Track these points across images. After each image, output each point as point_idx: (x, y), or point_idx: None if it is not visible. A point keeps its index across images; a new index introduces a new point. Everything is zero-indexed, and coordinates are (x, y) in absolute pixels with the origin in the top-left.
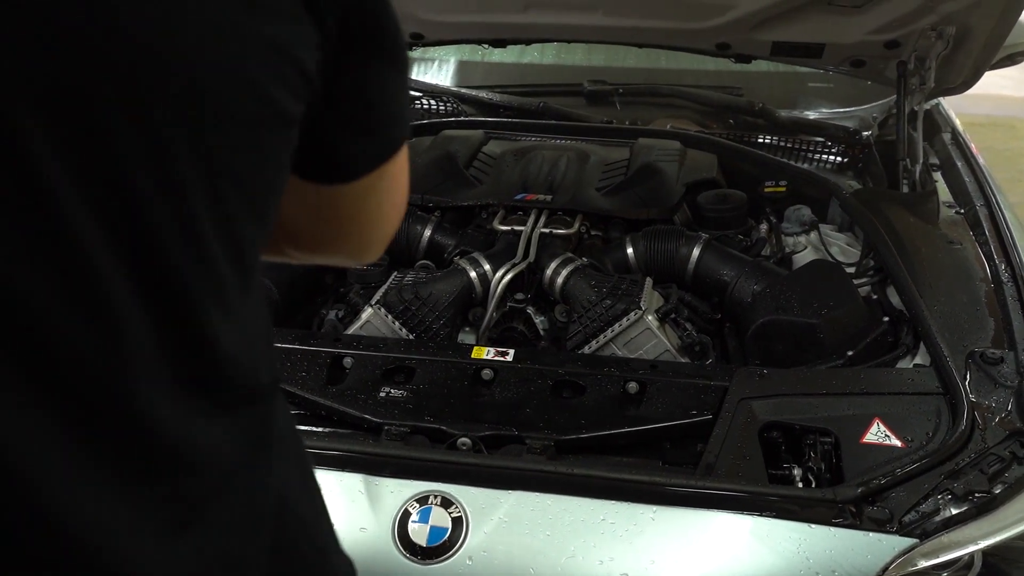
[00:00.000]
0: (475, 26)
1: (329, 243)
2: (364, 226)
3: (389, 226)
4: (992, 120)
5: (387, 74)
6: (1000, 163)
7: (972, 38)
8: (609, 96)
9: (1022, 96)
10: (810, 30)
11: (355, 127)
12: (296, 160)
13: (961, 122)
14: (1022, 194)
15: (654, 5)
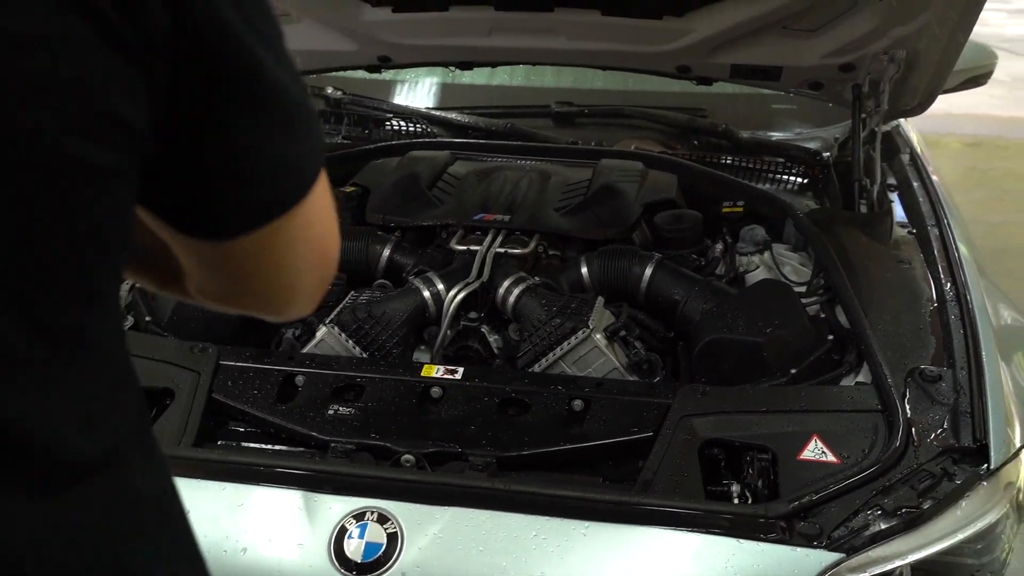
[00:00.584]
0: (441, 49)
1: (236, 298)
2: (269, 284)
3: (305, 283)
4: (978, 139)
5: (257, 127)
6: (985, 182)
7: (923, 62)
8: (576, 117)
9: (1008, 116)
10: (767, 53)
11: (223, 184)
12: (171, 213)
13: (948, 141)
14: (1004, 213)
15: (614, 29)
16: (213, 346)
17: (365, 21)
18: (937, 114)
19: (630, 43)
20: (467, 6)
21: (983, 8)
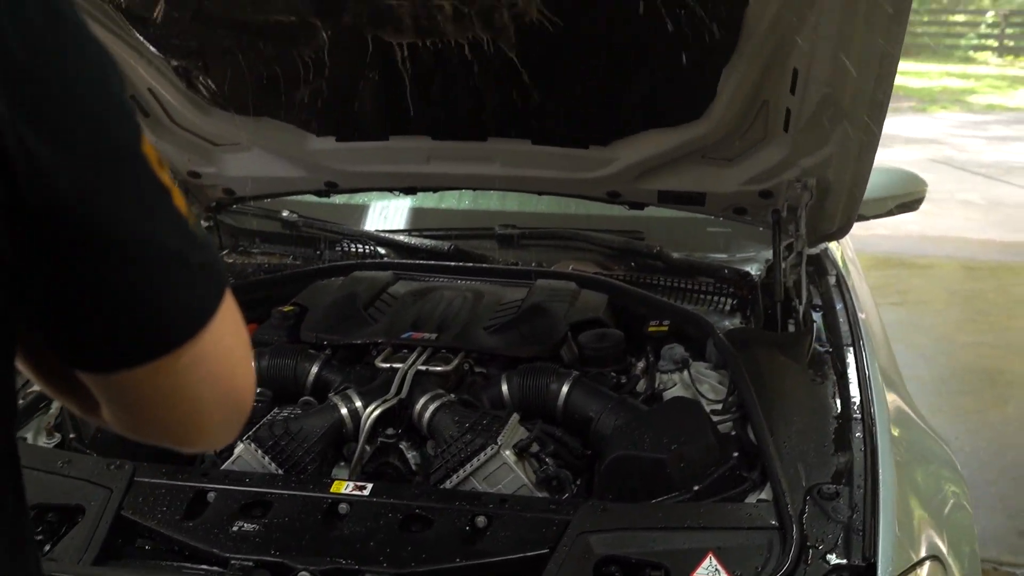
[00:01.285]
0: (384, 176)
1: (140, 429)
2: (169, 417)
3: (210, 417)
4: (952, 261)
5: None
6: (957, 303)
7: (834, 189)
8: (519, 239)
9: (982, 239)
10: (690, 180)
11: (91, 326)
12: (55, 345)
13: (923, 262)
14: (975, 334)
15: (545, 157)
16: (131, 463)
17: (311, 150)
18: (912, 236)
19: (561, 170)
20: (406, 136)
21: (878, 145)
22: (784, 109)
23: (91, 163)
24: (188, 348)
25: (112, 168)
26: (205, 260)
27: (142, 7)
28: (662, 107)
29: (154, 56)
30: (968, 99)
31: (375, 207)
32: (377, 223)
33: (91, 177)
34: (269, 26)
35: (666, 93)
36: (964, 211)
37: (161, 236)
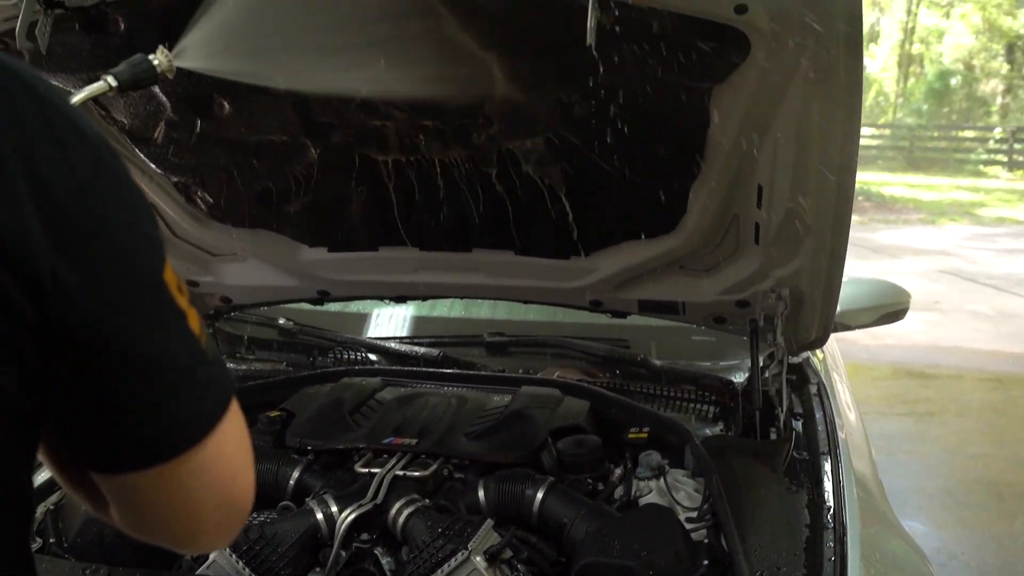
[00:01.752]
0: (374, 285)
1: (143, 528)
2: (170, 518)
3: (209, 520)
4: (960, 371)
5: (127, 390)
6: (966, 413)
7: (807, 299)
8: (507, 347)
9: (991, 349)
10: (669, 290)
11: (100, 431)
12: (66, 444)
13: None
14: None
15: (528, 267)
16: (107, 568)
17: (304, 260)
18: (922, 346)
19: (543, 280)
20: (395, 247)
21: (845, 257)
22: (753, 223)
23: (115, 291)
24: (191, 455)
25: (134, 296)
26: (212, 375)
27: (144, 129)
28: (637, 220)
29: (155, 173)
30: (978, 212)
31: (376, 315)
32: (377, 330)
33: (113, 303)
34: (263, 145)
35: (640, 207)
36: (974, 322)
37: (172, 355)
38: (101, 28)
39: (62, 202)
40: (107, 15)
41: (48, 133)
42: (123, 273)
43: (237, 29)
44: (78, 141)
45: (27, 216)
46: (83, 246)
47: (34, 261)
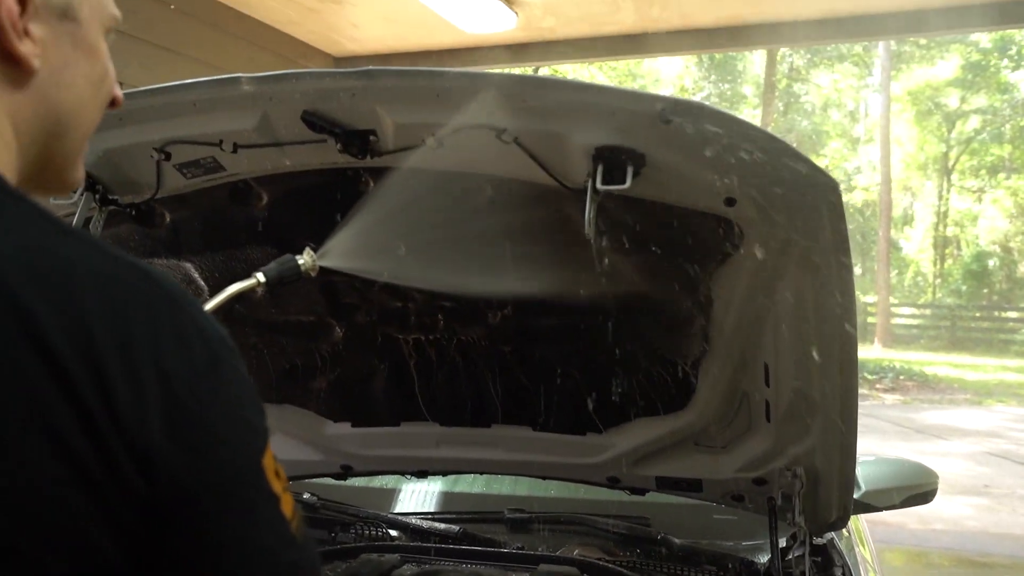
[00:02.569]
0: (396, 460)
1: None
2: None
3: None
4: (1016, 560)
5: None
6: None
7: (824, 478)
8: (527, 524)
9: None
10: (686, 467)
11: None
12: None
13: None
14: None
15: (545, 443)
16: None
17: (328, 435)
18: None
19: (561, 456)
20: (416, 422)
21: (857, 435)
22: (763, 401)
23: (215, 475)
24: None
25: (232, 480)
26: (296, 558)
27: None
28: (650, 397)
29: None
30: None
31: (400, 490)
32: (401, 505)
33: (212, 486)
34: (290, 325)
35: (652, 385)
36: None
37: (259, 536)
38: (149, 221)
39: (177, 392)
40: (155, 210)
41: (173, 329)
42: (224, 459)
43: (374, 236)
44: (198, 338)
45: (149, 401)
46: (191, 433)
47: (148, 441)
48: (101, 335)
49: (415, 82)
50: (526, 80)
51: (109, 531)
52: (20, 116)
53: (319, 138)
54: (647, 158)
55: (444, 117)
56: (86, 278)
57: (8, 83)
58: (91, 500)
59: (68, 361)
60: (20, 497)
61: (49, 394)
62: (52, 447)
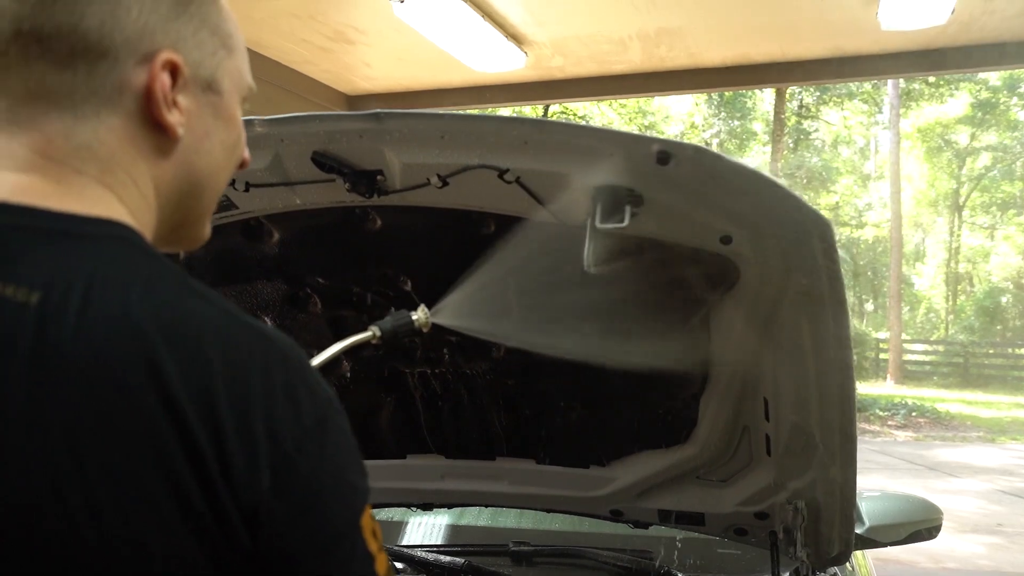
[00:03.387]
0: (402, 492)
1: None
2: None
3: None
4: None
5: None
6: None
7: (825, 513)
8: (531, 556)
9: None
10: (688, 500)
11: None
12: None
13: None
14: None
15: (549, 476)
16: None
17: None
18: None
19: (564, 489)
20: (422, 455)
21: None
22: (764, 435)
23: (317, 534)
24: None
25: (330, 538)
26: None
27: None
28: (652, 431)
29: None
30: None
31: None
32: (407, 538)
33: (311, 542)
34: None
35: (653, 419)
36: None
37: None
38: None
39: (285, 449)
40: None
41: (284, 388)
42: (326, 519)
43: (485, 297)
44: (307, 397)
45: (259, 457)
46: (295, 491)
47: (256, 496)
48: (221, 393)
49: (420, 124)
50: (527, 122)
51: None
52: (162, 180)
53: (328, 177)
54: (645, 198)
55: (448, 157)
56: (211, 337)
57: (155, 150)
58: (201, 549)
59: (190, 415)
60: (138, 537)
61: (171, 445)
62: (170, 494)
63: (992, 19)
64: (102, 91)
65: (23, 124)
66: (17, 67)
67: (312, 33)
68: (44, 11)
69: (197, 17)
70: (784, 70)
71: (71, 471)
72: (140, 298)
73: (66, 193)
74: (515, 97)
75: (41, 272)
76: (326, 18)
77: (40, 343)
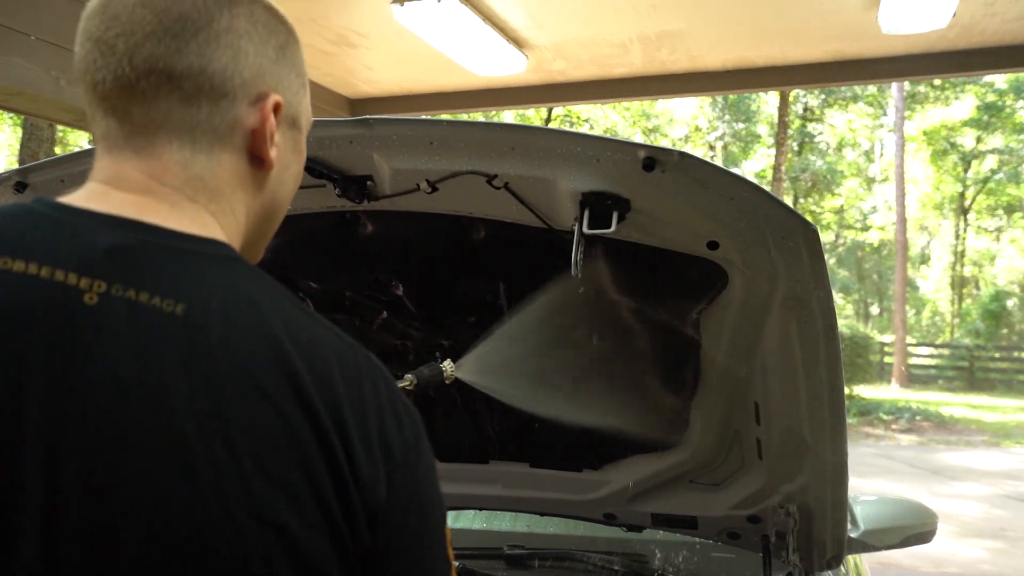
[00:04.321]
0: None
1: None
2: None
3: None
4: None
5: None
6: None
7: (817, 516)
8: (526, 560)
9: None
10: (681, 504)
11: None
12: None
13: None
14: None
15: (543, 479)
16: None
17: None
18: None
19: (558, 492)
20: None
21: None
22: (755, 439)
23: (418, 535)
24: None
25: (428, 539)
26: None
27: None
28: (644, 435)
29: None
30: None
31: None
32: None
33: (415, 543)
34: None
35: (645, 423)
36: None
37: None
38: None
39: (397, 460)
40: None
41: (390, 405)
42: (425, 522)
43: (501, 359)
44: (406, 414)
45: (378, 466)
46: (403, 495)
47: (376, 501)
48: (346, 407)
49: (409, 130)
50: (514, 128)
51: (333, 567)
52: (252, 208)
53: (319, 183)
54: (632, 203)
55: (437, 163)
56: (331, 355)
57: (253, 183)
58: (332, 542)
59: (326, 422)
60: (285, 525)
61: (311, 449)
62: (311, 492)
63: (994, 22)
64: (220, 128)
65: (140, 151)
66: (144, 99)
67: (314, 37)
68: (178, 52)
69: (290, 60)
70: (785, 73)
71: (229, 465)
72: (270, 315)
73: (181, 217)
74: (516, 101)
75: (179, 286)
76: (327, 22)
77: (193, 349)
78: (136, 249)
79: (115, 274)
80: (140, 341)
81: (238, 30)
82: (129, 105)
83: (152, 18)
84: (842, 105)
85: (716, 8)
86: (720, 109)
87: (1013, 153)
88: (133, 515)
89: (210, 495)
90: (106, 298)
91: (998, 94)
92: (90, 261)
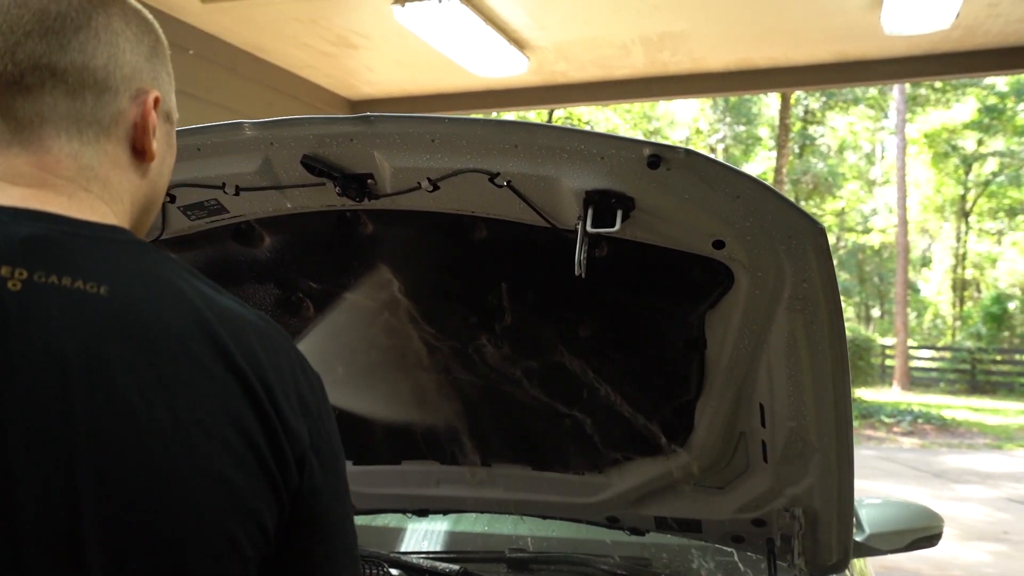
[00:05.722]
0: (396, 498)
1: None
2: None
3: None
4: None
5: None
6: None
7: (822, 519)
8: (528, 563)
9: None
10: (685, 507)
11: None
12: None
13: None
14: None
15: (545, 483)
16: None
17: None
18: None
19: (561, 495)
20: (417, 461)
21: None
22: (760, 441)
23: (338, 477)
24: None
25: (343, 480)
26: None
27: None
28: (648, 437)
29: None
30: None
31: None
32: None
33: (332, 484)
34: None
35: (650, 424)
36: None
37: (348, 508)
38: None
39: (312, 413)
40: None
41: (302, 370)
42: (339, 466)
43: None
44: (314, 377)
45: (299, 417)
46: (322, 444)
47: (302, 446)
48: (267, 367)
49: (410, 128)
50: (517, 126)
51: (270, 509)
52: (136, 197)
53: (318, 181)
54: (636, 202)
55: (439, 161)
56: (246, 323)
57: (136, 172)
58: (269, 486)
59: (251, 381)
60: (228, 475)
61: (241, 403)
62: (247, 444)
63: (997, 23)
64: (104, 120)
65: (28, 145)
66: (30, 94)
67: (314, 38)
68: (61, 49)
69: (162, 58)
70: (787, 75)
71: (174, 428)
72: (189, 293)
73: (81, 206)
74: (518, 102)
75: (98, 270)
76: (328, 23)
77: (125, 324)
78: (50, 238)
79: (34, 262)
80: (73, 319)
81: (115, 29)
82: (13, 101)
83: (30, 17)
84: (843, 107)
85: (718, 9)
86: (721, 111)
87: (1014, 156)
88: (88, 482)
89: (160, 456)
90: (30, 284)
91: (999, 97)
92: (8, 251)
